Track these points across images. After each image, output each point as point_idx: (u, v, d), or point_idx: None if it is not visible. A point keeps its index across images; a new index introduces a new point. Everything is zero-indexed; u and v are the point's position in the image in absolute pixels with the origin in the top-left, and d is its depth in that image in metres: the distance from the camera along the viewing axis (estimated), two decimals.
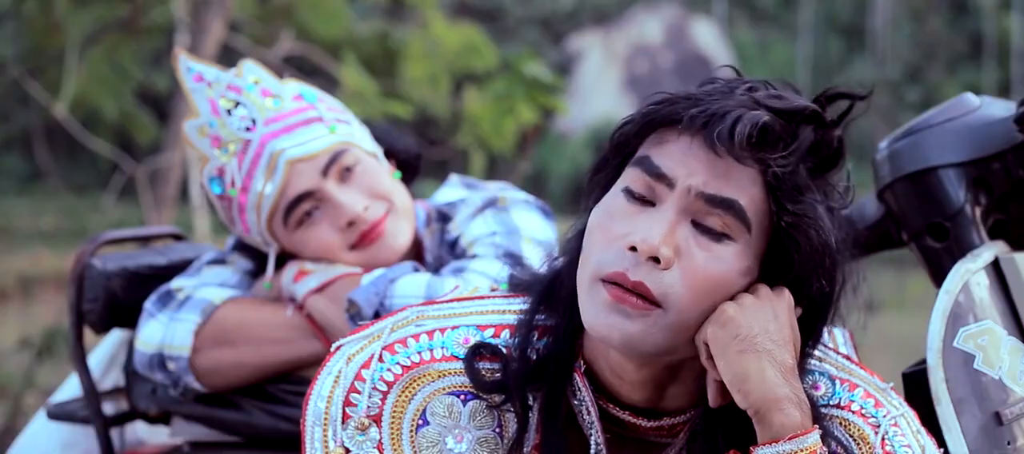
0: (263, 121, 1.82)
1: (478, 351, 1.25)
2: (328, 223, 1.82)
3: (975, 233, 1.56)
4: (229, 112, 1.83)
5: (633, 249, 1.16)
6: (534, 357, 1.25)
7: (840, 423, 1.24)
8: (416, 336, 1.27)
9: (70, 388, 2.12)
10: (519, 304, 1.29)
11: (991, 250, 1.52)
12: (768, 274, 1.20)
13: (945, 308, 1.43)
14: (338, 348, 1.30)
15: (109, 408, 2.02)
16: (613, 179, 1.23)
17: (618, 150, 1.24)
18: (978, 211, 1.57)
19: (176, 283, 1.89)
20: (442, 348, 1.26)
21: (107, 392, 2.05)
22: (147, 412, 1.98)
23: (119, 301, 1.97)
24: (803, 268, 1.19)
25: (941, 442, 1.36)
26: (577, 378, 1.25)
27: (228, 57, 5.27)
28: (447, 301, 1.32)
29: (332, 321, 1.78)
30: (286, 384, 1.85)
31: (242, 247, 1.96)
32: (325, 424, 1.25)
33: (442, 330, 1.27)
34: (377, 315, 1.73)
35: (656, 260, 1.16)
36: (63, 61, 5.88)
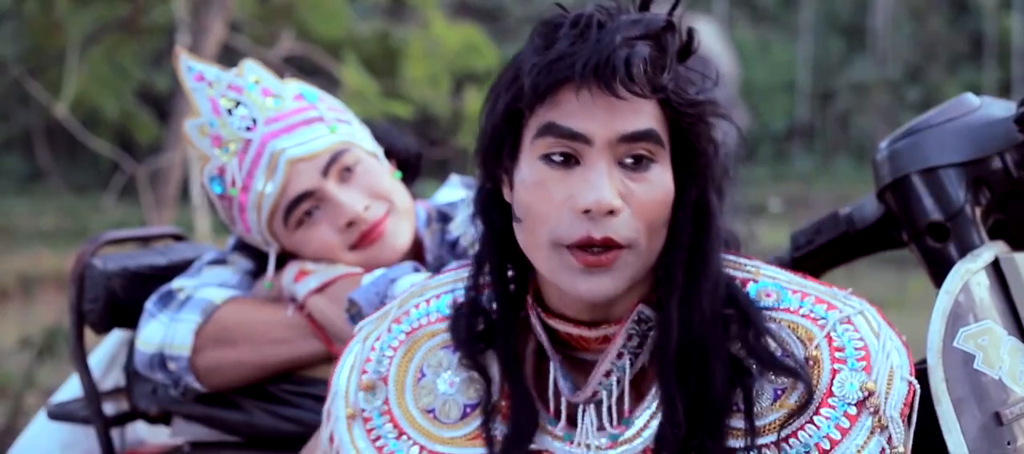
0: (264, 120, 1.82)
1: (459, 309, 1.40)
2: (328, 223, 1.82)
3: (975, 233, 1.56)
4: (230, 112, 1.83)
5: (587, 212, 1.24)
6: (490, 307, 1.38)
7: (787, 326, 1.30)
8: (417, 305, 1.46)
9: (71, 388, 2.13)
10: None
11: (991, 250, 1.52)
12: (679, 165, 1.29)
13: (945, 308, 1.43)
14: (359, 330, 1.48)
15: (110, 408, 2.03)
16: (513, 149, 1.30)
17: (511, 123, 1.30)
18: (978, 211, 1.57)
19: (177, 283, 1.90)
20: (437, 312, 1.44)
21: (108, 392, 2.05)
22: (148, 412, 1.98)
23: (120, 301, 1.98)
24: (710, 145, 1.30)
25: (941, 442, 1.36)
26: (531, 315, 1.36)
27: (228, 57, 5.28)
28: (449, 271, 1.49)
29: (333, 321, 1.78)
30: (287, 384, 1.85)
31: (242, 247, 1.96)
32: (345, 396, 1.43)
33: (438, 296, 1.46)
34: None
35: (610, 212, 1.24)
36: (63, 61, 5.88)
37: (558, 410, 1.35)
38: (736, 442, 1.28)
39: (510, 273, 1.37)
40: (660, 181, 1.27)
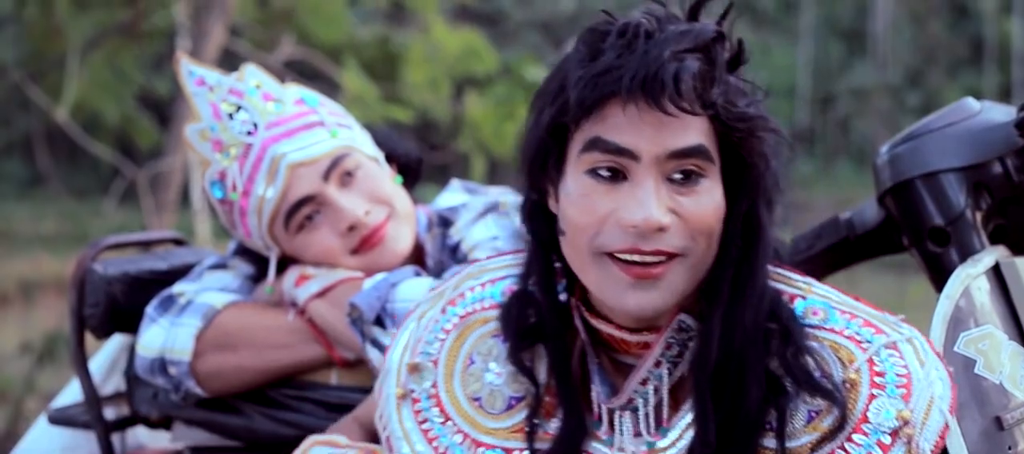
0: (264, 125, 1.82)
1: (509, 302, 1.38)
2: (329, 227, 1.82)
3: (976, 238, 1.55)
4: (231, 116, 1.83)
5: (634, 227, 1.21)
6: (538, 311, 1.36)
7: (829, 345, 1.27)
8: (472, 288, 1.44)
9: (71, 393, 2.12)
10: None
11: (992, 255, 1.52)
12: (729, 178, 1.26)
13: (946, 313, 1.42)
14: (416, 308, 1.48)
15: (110, 413, 2.03)
16: (558, 162, 1.28)
17: (557, 136, 1.27)
18: (979, 216, 1.57)
19: (178, 288, 1.90)
20: (491, 298, 1.43)
21: (108, 397, 2.05)
22: (148, 417, 1.98)
23: (120, 306, 1.97)
24: (760, 159, 1.26)
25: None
26: (575, 316, 1.34)
27: (229, 61, 5.28)
28: (506, 254, 1.46)
29: (334, 325, 1.78)
30: (287, 389, 1.84)
31: (243, 252, 1.96)
32: (397, 374, 1.43)
33: (494, 280, 1.44)
34: (379, 320, 1.72)
35: (659, 229, 1.22)
36: (64, 66, 5.89)
37: (601, 413, 1.34)
38: None
39: (560, 283, 1.35)
40: (710, 195, 1.24)
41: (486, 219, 1.87)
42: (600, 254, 1.24)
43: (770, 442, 1.26)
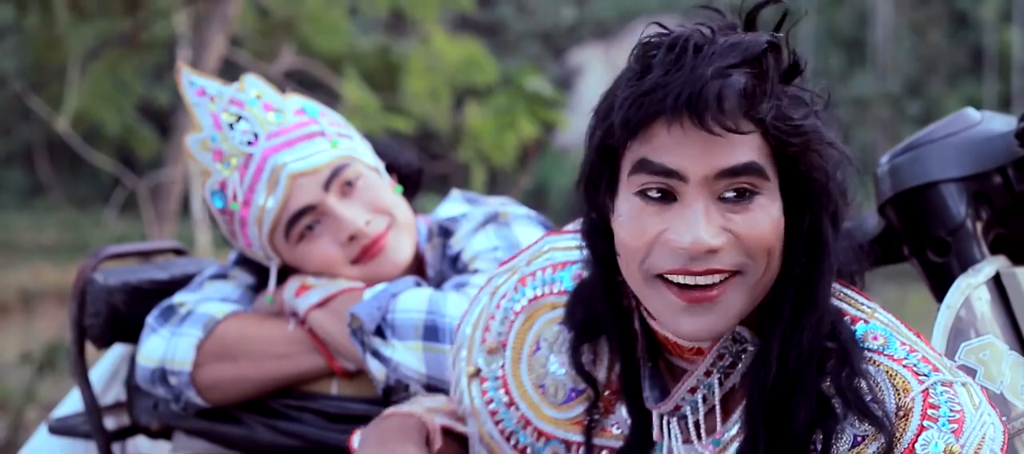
0: (265, 135, 1.82)
1: (573, 297, 1.38)
2: (329, 237, 1.81)
3: (976, 248, 1.55)
4: (231, 126, 1.83)
5: (684, 250, 1.19)
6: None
7: (886, 371, 1.23)
8: (543, 269, 1.44)
9: (72, 402, 2.12)
10: None
11: (992, 265, 1.52)
12: (789, 193, 1.22)
13: (946, 323, 1.42)
14: (490, 281, 1.48)
15: (111, 423, 2.02)
16: (611, 182, 1.25)
17: (606, 157, 1.25)
18: (979, 226, 1.57)
19: (178, 298, 1.89)
20: (560, 282, 1.42)
21: (109, 407, 2.05)
22: (149, 427, 1.98)
23: (121, 316, 1.97)
24: (823, 176, 1.22)
25: None
26: (634, 317, 1.32)
27: (229, 71, 5.28)
28: (573, 232, 1.43)
29: (334, 336, 1.78)
30: (288, 399, 1.84)
31: (244, 262, 1.96)
32: (469, 346, 1.46)
33: (563, 264, 1.43)
34: (379, 330, 1.72)
35: (710, 251, 1.19)
36: (65, 76, 5.89)
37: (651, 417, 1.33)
38: None
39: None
40: (766, 212, 1.20)
41: (486, 229, 1.87)
42: (652, 277, 1.22)
43: None
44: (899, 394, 1.22)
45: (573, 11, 19.65)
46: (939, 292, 1.52)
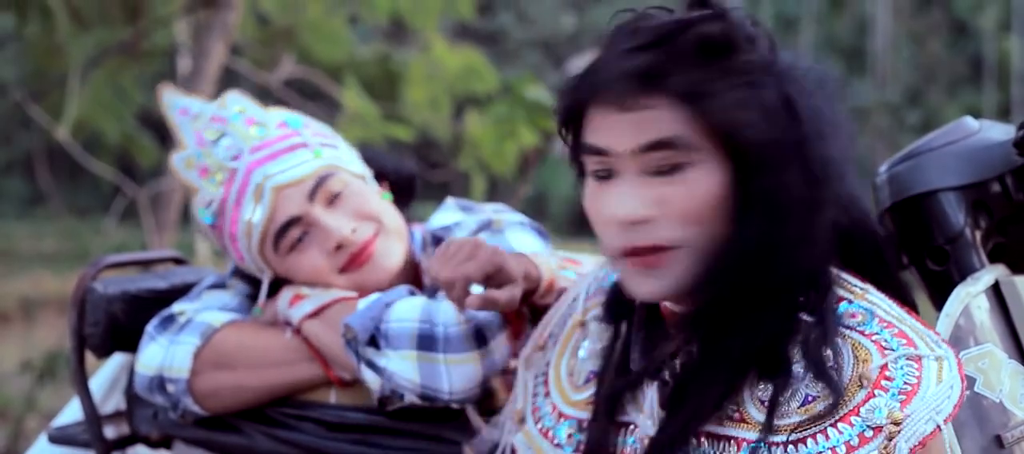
0: (248, 149, 1.83)
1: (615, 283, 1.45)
2: (317, 247, 1.82)
3: (975, 256, 1.55)
4: (215, 142, 1.85)
5: (618, 223, 1.27)
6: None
7: (852, 344, 1.27)
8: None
9: (72, 412, 2.12)
10: None
11: (991, 273, 1.52)
12: (742, 163, 1.26)
13: (945, 331, 1.42)
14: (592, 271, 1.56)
15: (110, 432, 2.02)
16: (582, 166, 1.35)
17: (573, 141, 1.35)
18: (978, 234, 1.57)
19: (177, 307, 1.90)
20: (609, 276, 1.50)
21: (108, 416, 2.05)
22: (148, 436, 1.98)
23: (121, 325, 1.98)
24: (757, 142, 1.24)
25: None
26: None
27: (230, 80, 5.29)
28: None
29: (328, 345, 1.78)
30: (287, 408, 1.84)
31: (242, 272, 1.97)
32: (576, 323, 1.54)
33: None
34: (373, 340, 1.73)
35: (645, 221, 1.26)
36: (65, 84, 5.90)
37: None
38: (749, 433, 1.27)
39: None
40: (698, 182, 1.25)
41: (479, 237, 1.87)
42: (614, 256, 1.31)
43: (758, 415, 1.27)
44: (859, 364, 1.26)
45: (573, 20, 19.68)
46: (938, 301, 1.52)
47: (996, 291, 1.51)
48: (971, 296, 1.47)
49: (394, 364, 1.69)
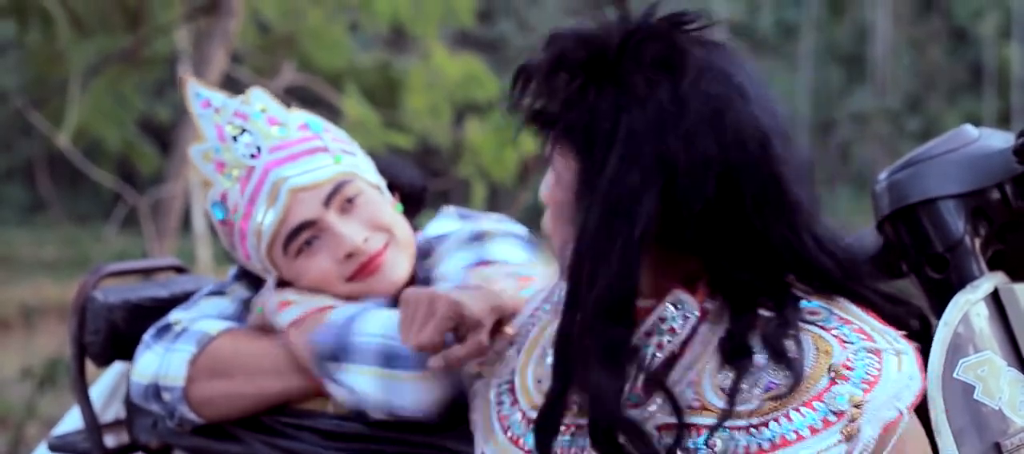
0: (268, 148, 1.83)
1: None
2: (327, 253, 1.81)
3: (974, 264, 1.55)
4: (235, 138, 1.83)
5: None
6: None
7: (812, 337, 1.30)
8: None
9: (72, 420, 2.12)
10: None
11: (991, 281, 1.52)
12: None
13: (945, 339, 1.42)
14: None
15: (110, 440, 2.02)
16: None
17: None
18: (977, 242, 1.57)
19: (173, 316, 1.89)
20: None
21: (108, 424, 2.05)
22: (148, 445, 1.97)
23: (121, 333, 1.98)
24: (616, 160, 1.28)
25: None
26: None
27: (231, 87, 5.29)
28: None
29: (304, 357, 1.75)
30: (284, 416, 1.83)
31: (243, 276, 1.96)
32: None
33: None
34: (340, 354, 1.70)
35: None
36: (66, 91, 5.91)
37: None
38: (709, 419, 1.29)
39: None
40: (557, 179, 1.37)
41: (465, 248, 1.86)
42: None
43: (718, 402, 1.29)
44: (820, 356, 1.28)
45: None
46: (938, 308, 1.52)
47: (995, 298, 1.50)
48: (970, 303, 1.47)
49: (355, 379, 1.67)
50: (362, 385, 1.67)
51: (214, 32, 5.90)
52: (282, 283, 1.87)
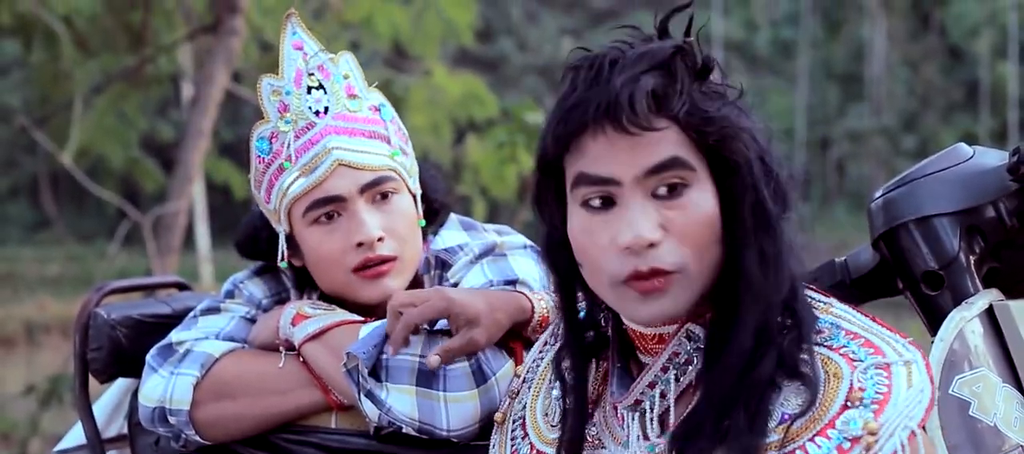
0: (334, 113, 1.82)
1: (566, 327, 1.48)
2: (342, 235, 1.81)
3: (969, 281, 1.56)
4: (309, 90, 1.83)
5: (628, 248, 1.28)
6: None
7: (821, 359, 1.30)
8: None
9: (75, 436, 2.13)
10: None
11: (985, 298, 1.53)
12: (720, 182, 1.31)
13: (940, 356, 1.43)
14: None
15: None
16: (559, 196, 1.36)
17: (549, 172, 1.35)
18: (972, 259, 1.57)
19: (175, 336, 1.89)
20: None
21: (111, 440, 2.05)
22: None
23: (124, 350, 1.98)
24: (745, 160, 1.29)
25: None
26: (610, 328, 1.43)
27: (232, 105, 5.31)
28: None
29: (328, 370, 1.76)
30: (288, 433, 1.82)
31: (244, 280, 1.96)
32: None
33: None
34: (374, 370, 1.72)
35: (651, 245, 1.28)
36: (70, 110, 5.92)
37: (618, 413, 1.40)
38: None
39: (581, 302, 1.44)
40: (698, 204, 1.29)
41: (482, 263, 1.86)
42: (616, 284, 1.31)
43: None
44: (830, 379, 1.28)
45: (573, 46, 19.71)
46: (933, 325, 1.53)
47: (990, 315, 1.51)
48: (965, 320, 1.48)
49: (393, 398, 1.68)
50: (399, 403, 1.68)
51: (216, 51, 5.91)
52: (293, 270, 1.89)
